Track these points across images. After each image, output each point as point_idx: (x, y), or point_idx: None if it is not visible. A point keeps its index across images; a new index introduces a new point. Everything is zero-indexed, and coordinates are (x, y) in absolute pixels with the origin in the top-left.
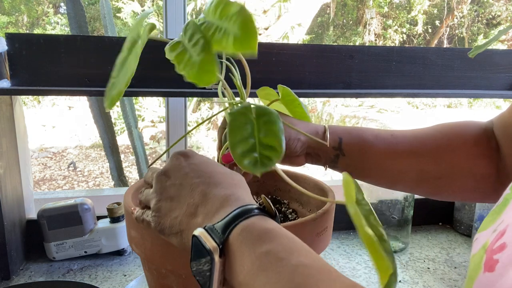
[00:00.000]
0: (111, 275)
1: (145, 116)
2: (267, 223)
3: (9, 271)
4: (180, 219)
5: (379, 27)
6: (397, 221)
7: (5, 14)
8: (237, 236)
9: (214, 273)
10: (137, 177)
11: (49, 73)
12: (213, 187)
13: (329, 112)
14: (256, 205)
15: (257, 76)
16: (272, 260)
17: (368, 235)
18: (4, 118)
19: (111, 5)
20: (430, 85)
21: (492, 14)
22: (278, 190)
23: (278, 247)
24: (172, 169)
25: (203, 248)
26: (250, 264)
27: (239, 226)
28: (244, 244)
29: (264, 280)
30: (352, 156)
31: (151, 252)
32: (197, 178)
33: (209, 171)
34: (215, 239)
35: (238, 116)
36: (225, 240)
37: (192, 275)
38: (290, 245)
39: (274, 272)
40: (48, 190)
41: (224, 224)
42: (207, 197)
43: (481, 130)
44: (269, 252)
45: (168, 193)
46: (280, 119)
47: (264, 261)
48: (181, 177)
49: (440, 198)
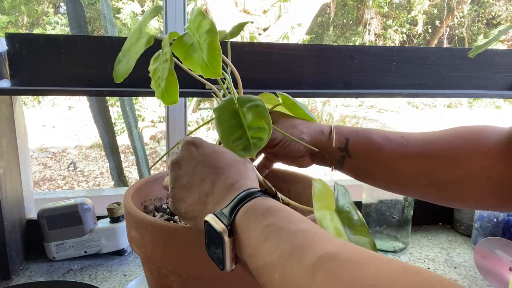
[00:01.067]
0: (111, 275)
1: (145, 116)
2: (268, 202)
3: (9, 271)
4: (194, 207)
5: (379, 27)
6: (397, 221)
7: (5, 14)
8: (242, 216)
9: (225, 251)
10: (137, 177)
11: (49, 73)
12: (221, 177)
13: (329, 112)
14: (258, 188)
15: (257, 76)
16: (274, 230)
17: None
18: (4, 118)
19: (111, 5)
20: (430, 85)
21: (492, 14)
22: (278, 191)
23: (279, 219)
24: (184, 159)
25: (214, 231)
26: (255, 237)
27: (244, 207)
28: (249, 222)
29: (268, 247)
30: (359, 158)
31: (151, 252)
32: (207, 167)
33: (218, 160)
34: (223, 221)
35: (222, 109)
36: (232, 221)
37: (192, 275)
38: (289, 217)
39: (276, 239)
40: (48, 190)
41: (230, 208)
42: (215, 186)
43: (502, 134)
44: (271, 224)
45: (181, 182)
46: (262, 101)
47: (267, 232)
48: (193, 167)
49: (452, 204)
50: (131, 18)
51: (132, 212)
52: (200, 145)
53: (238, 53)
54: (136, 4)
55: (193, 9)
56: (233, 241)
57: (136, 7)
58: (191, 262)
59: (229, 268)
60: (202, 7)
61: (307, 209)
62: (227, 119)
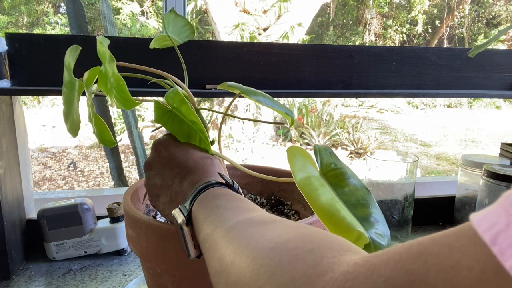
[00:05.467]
0: (111, 275)
1: (145, 116)
2: (220, 190)
3: (9, 271)
4: (168, 204)
5: (379, 27)
6: (397, 221)
7: (5, 14)
8: (197, 205)
9: (186, 238)
10: (137, 177)
11: (49, 73)
12: (188, 175)
13: (329, 112)
14: (215, 180)
15: (257, 76)
16: (214, 209)
17: (321, 206)
18: (4, 118)
19: (111, 5)
20: (430, 85)
21: (492, 14)
22: (282, 191)
23: (222, 201)
24: (154, 160)
25: (177, 222)
26: (202, 219)
27: (200, 197)
28: (201, 207)
29: (207, 223)
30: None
31: (146, 251)
32: (176, 167)
33: (185, 159)
34: (183, 212)
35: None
36: (190, 211)
37: (186, 276)
38: (231, 198)
39: (214, 215)
40: (48, 190)
41: (190, 200)
42: (183, 185)
43: None
44: (214, 205)
45: (154, 181)
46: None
47: (209, 212)
48: (162, 168)
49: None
50: (131, 18)
51: (129, 211)
52: (168, 146)
53: (238, 53)
54: (136, 4)
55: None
56: (192, 229)
57: (136, 7)
58: (183, 263)
59: (193, 254)
60: (202, 7)
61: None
62: (163, 106)
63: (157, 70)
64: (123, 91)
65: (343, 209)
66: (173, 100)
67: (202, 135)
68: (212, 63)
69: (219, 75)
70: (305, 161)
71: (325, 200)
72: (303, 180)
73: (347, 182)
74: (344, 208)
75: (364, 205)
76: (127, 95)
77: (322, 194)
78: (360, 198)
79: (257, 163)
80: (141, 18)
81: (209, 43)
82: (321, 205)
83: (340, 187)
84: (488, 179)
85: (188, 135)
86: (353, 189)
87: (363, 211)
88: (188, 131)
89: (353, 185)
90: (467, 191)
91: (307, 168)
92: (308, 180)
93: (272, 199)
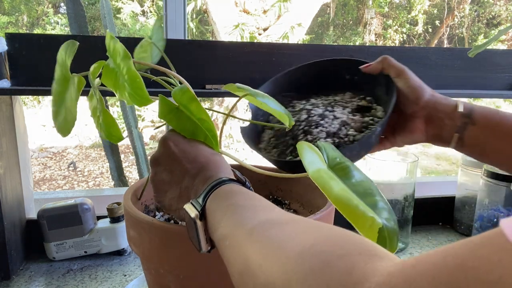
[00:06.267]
0: (111, 275)
1: (145, 116)
2: (233, 187)
3: (9, 271)
4: (176, 200)
5: (379, 27)
6: (397, 221)
7: (5, 14)
8: (211, 201)
9: (199, 233)
10: (137, 177)
11: (49, 73)
12: (199, 171)
13: None
14: (228, 177)
15: (257, 76)
16: (231, 207)
17: (336, 196)
18: (4, 118)
19: (111, 5)
20: (430, 85)
21: (492, 14)
22: (280, 190)
23: (237, 200)
24: (162, 156)
25: (189, 217)
26: (218, 216)
27: (214, 193)
28: (215, 204)
29: (225, 221)
30: (484, 126)
31: (149, 252)
32: (187, 163)
33: (196, 155)
34: (196, 207)
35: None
36: (204, 206)
37: (190, 276)
38: (247, 197)
39: (231, 214)
40: (48, 190)
41: (203, 195)
42: (195, 181)
43: None
44: (230, 204)
45: (161, 176)
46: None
47: (226, 210)
48: (171, 163)
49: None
50: (131, 18)
51: (131, 212)
52: (177, 142)
53: (238, 53)
54: (136, 4)
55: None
56: (205, 224)
57: (136, 7)
58: (187, 263)
59: (204, 249)
60: (202, 7)
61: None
62: (169, 103)
63: (163, 68)
64: (139, 88)
65: (355, 198)
66: (182, 98)
67: (209, 134)
68: (212, 63)
69: (219, 75)
70: (315, 155)
71: (339, 191)
72: (315, 173)
73: (353, 174)
74: (355, 197)
75: (371, 194)
76: (143, 92)
77: (334, 185)
78: (367, 188)
79: (257, 163)
80: (141, 18)
81: (209, 43)
82: (336, 195)
83: (347, 179)
84: (488, 179)
85: (193, 133)
86: (359, 181)
87: (371, 199)
88: (193, 129)
89: (358, 177)
90: (467, 191)
91: (317, 162)
92: (319, 173)
93: (270, 199)
